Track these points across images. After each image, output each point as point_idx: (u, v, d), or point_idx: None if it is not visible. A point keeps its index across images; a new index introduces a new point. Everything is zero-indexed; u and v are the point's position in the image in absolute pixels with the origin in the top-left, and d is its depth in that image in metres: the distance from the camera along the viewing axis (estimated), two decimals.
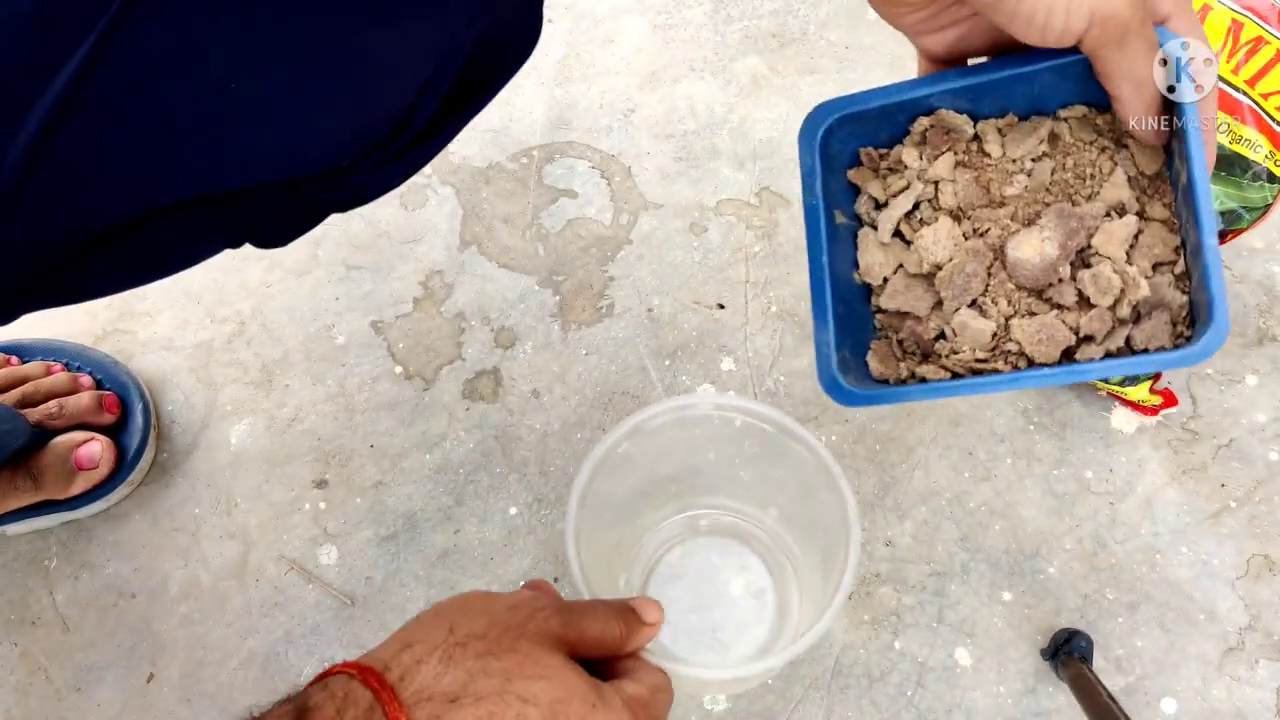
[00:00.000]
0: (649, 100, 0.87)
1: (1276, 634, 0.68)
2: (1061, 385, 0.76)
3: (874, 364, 0.44)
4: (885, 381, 0.44)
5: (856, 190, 0.46)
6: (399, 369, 0.78)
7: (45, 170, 0.36)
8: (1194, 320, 0.39)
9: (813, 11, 0.91)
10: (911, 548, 0.71)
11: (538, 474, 0.74)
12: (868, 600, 0.69)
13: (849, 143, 0.45)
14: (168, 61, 0.36)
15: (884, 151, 0.45)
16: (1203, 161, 0.38)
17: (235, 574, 0.72)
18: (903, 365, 0.44)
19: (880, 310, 0.45)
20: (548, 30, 0.86)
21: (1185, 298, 0.39)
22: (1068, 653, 0.65)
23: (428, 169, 0.84)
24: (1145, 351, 0.39)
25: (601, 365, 0.78)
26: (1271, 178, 0.64)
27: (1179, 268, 0.40)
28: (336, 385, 0.77)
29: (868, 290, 0.46)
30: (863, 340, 0.45)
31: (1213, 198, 0.38)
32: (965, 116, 0.43)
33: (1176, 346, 0.39)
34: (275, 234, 0.49)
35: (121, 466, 0.71)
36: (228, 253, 0.50)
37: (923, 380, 0.42)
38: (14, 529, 0.72)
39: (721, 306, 0.79)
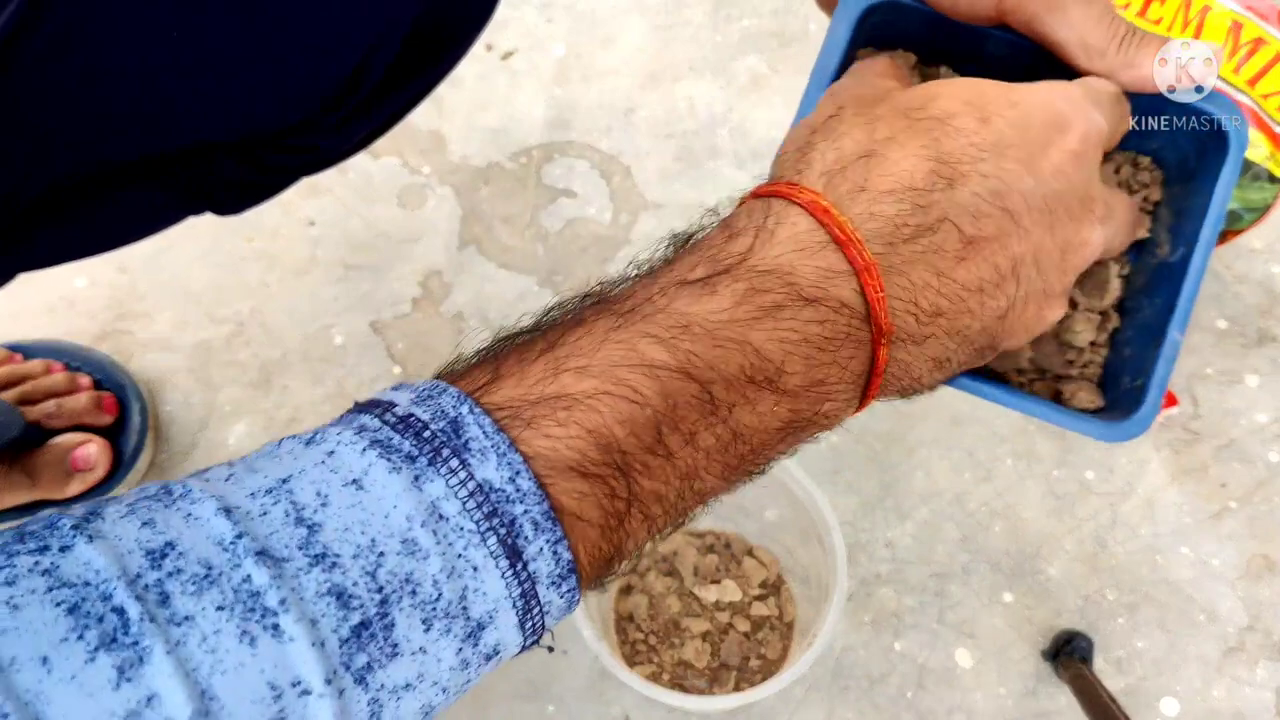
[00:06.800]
0: (649, 100, 0.87)
1: (1276, 634, 0.68)
2: None
3: None
4: None
5: None
6: (398, 369, 0.78)
7: None
8: (1105, 386, 0.37)
9: (813, 11, 0.91)
10: (912, 549, 0.71)
11: None
12: (868, 601, 0.69)
13: (877, 35, 0.39)
14: (107, 7, 0.35)
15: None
16: (1208, 252, 0.35)
17: None
18: None
19: None
20: (548, 30, 0.86)
21: (1099, 362, 0.38)
22: (1068, 654, 0.65)
23: (426, 168, 0.83)
24: (1061, 399, 0.38)
25: None
26: (1271, 178, 0.64)
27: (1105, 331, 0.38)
28: (335, 386, 0.77)
29: None
30: None
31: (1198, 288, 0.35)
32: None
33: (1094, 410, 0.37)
34: (233, 200, 0.48)
35: (119, 467, 0.71)
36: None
37: None
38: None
39: None
